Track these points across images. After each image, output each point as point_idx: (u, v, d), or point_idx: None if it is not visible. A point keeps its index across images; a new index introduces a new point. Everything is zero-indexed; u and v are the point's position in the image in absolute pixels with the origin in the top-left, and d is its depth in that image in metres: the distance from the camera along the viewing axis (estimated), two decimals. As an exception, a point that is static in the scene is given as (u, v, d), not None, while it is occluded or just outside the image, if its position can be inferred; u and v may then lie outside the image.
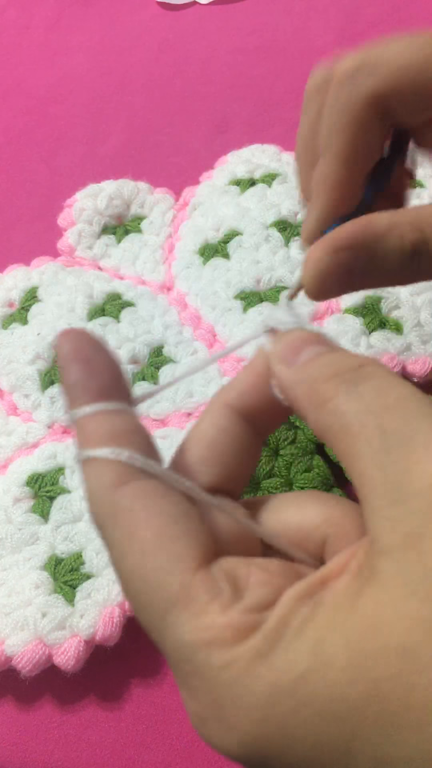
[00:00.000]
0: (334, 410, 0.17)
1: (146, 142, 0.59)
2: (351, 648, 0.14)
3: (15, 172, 0.59)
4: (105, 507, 0.17)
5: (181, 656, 0.16)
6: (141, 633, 0.36)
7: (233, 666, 0.15)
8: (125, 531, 0.17)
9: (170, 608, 0.16)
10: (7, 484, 0.39)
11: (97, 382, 0.18)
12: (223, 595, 0.16)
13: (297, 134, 0.25)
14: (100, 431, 0.17)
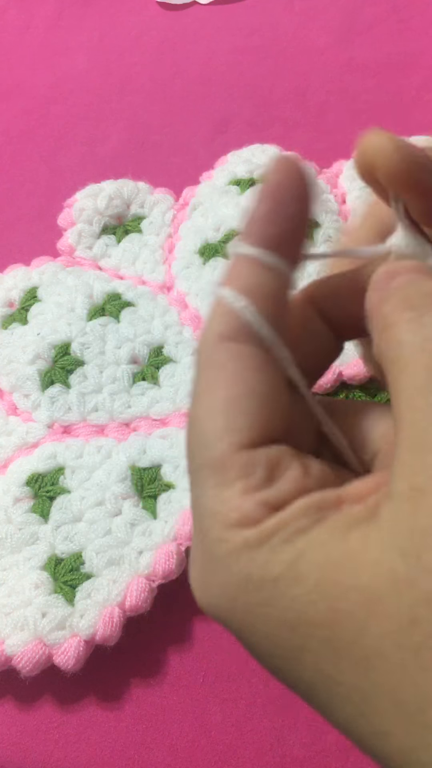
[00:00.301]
0: (391, 338, 0.16)
1: (146, 142, 0.59)
2: (323, 572, 0.15)
3: (15, 172, 0.59)
4: (205, 352, 0.17)
5: (196, 510, 0.17)
6: (141, 633, 0.36)
7: (224, 543, 0.16)
8: (208, 382, 0.17)
9: (205, 467, 0.17)
10: (7, 484, 0.39)
11: (275, 229, 0.17)
12: (252, 479, 0.16)
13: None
14: (243, 277, 0.17)
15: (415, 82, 0.59)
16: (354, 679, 0.14)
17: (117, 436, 0.40)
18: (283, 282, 0.18)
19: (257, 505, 0.16)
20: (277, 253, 0.18)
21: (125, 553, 0.35)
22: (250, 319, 0.17)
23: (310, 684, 0.15)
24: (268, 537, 0.16)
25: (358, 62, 0.61)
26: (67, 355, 0.42)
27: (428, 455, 0.14)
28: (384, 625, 0.14)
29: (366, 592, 0.14)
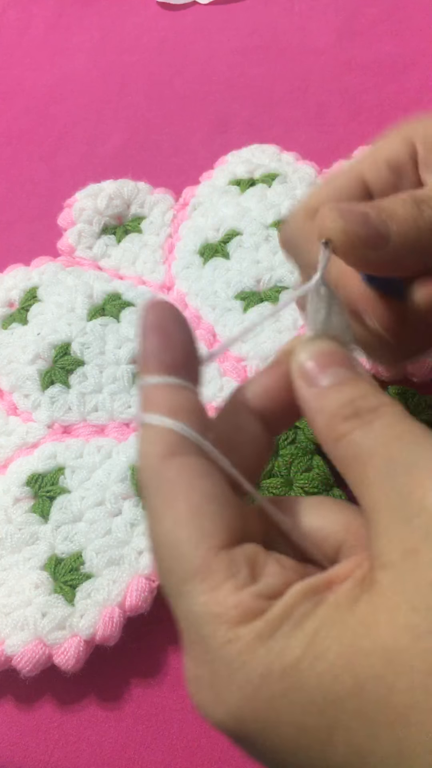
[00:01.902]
0: (348, 443, 0.18)
1: (146, 142, 0.59)
2: (342, 645, 0.16)
3: (15, 172, 0.59)
4: (151, 473, 0.18)
5: (190, 624, 0.17)
6: (141, 633, 0.36)
7: (235, 643, 0.16)
8: (165, 500, 0.18)
9: (189, 578, 0.17)
10: (7, 484, 0.39)
11: (171, 356, 0.19)
12: (239, 576, 0.17)
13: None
14: (162, 401, 0.19)
15: (415, 82, 0.59)
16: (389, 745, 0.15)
17: (117, 436, 0.40)
18: (195, 397, 0.20)
19: (255, 598, 0.17)
20: (180, 375, 0.19)
21: (125, 553, 0.35)
22: (184, 434, 0.18)
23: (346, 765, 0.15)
24: (278, 625, 0.16)
25: (358, 62, 0.61)
26: (67, 355, 0.42)
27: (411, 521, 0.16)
28: (411, 677, 0.14)
29: (387, 652, 0.15)
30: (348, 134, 0.56)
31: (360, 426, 0.18)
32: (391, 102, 0.58)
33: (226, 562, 0.17)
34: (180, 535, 0.18)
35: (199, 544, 0.17)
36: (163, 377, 0.19)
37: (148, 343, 0.20)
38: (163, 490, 0.18)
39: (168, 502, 0.18)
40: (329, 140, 0.56)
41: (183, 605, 0.17)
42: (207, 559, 0.17)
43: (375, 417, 0.18)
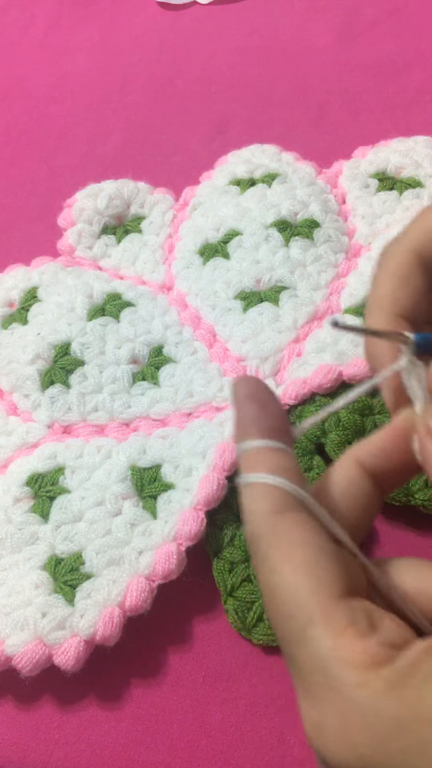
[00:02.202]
0: None
1: (146, 142, 0.59)
2: None
3: (15, 172, 0.59)
4: (265, 528, 0.19)
5: (315, 667, 0.18)
6: (141, 633, 0.36)
7: (366, 687, 0.17)
8: (283, 551, 0.19)
9: (310, 624, 0.18)
10: (7, 484, 0.39)
11: (269, 422, 0.21)
12: (360, 625, 0.18)
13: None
14: (264, 462, 0.20)
15: (415, 82, 0.59)
16: None
17: (117, 436, 0.40)
18: (293, 459, 0.21)
19: (379, 646, 0.17)
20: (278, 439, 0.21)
21: (125, 553, 0.35)
22: (291, 491, 0.19)
23: None
24: (408, 675, 0.17)
25: (358, 62, 0.61)
26: (67, 355, 0.42)
27: None
28: None
29: None
30: (348, 134, 0.56)
31: None
32: (391, 102, 0.58)
33: (346, 610, 0.18)
34: (299, 583, 0.18)
35: (318, 592, 0.18)
36: (264, 441, 0.20)
37: (246, 410, 0.21)
38: (280, 542, 0.19)
39: (285, 553, 0.19)
40: (329, 140, 0.56)
41: (306, 650, 0.18)
42: (328, 606, 0.18)
43: None
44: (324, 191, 0.49)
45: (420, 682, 0.17)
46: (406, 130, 0.53)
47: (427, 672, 0.17)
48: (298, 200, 0.47)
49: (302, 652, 0.18)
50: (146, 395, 0.41)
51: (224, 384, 0.41)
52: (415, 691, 0.16)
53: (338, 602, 0.18)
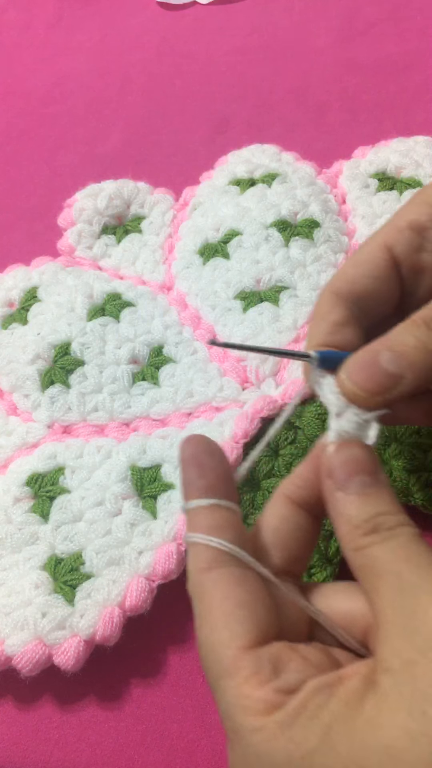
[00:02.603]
0: (366, 555, 0.21)
1: (146, 142, 0.59)
2: (352, 741, 0.18)
3: (15, 172, 0.59)
4: (195, 585, 0.22)
5: (226, 714, 0.20)
6: (141, 633, 0.36)
7: (261, 732, 0.19)
8: (205, 607, 0.22)
9: (223, 675, 0.21)
10: (7, 484, 0.39)
11: (206, 481, 0.23)
12: (263, 673, 0.20)
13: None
14: (201, 521, 0.23)
15: (415, 82, 0.59)
16: None
17: (117, 436, 0.40)
18: (231, 513, 0.23)
19: (275, 692, 0.20)
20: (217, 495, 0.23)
21: (125, 553, 0.35)
22: (221, 547, 0.22)
23: None
24: (296, 716, 0.19)
25: (358, 62, 0.61)
26: (67, 355, 0.42)
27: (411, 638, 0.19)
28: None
29: (388, 750, 0.18)
30: (348, 134, 0.56)
31: (379, 542, 0.21)
32: (391, 102, 0.58)
33: (252, 661, 0.20)
34: (214, 638, 0.21)
35: (229, 645, 0.21)
36: (200, 500, 0.23)
37: (186, 473, 0.24)
38: (203, 599, 0.22)
39: (206, 609, 0.21)
40: (329, 140, 0.56)
41: (219, 698, 0.21)
42: (236, 658, 0.20)
43: (392, 536, 0.21)
44: (324, 191, 0.49)
45: (306, 720, 0.19)
46: (406, 130, 0.53)
47: (312, 710, 0.19)
48: (298, 200, 0.47)
49: (219, 699, 0.21)
50: (146, 395, 0.41)
51: (224, 384, 0.41)
52: (301, 729, 0.19)
53: (245, 654, 0.20)
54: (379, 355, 0.24)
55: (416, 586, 0.20)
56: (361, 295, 0.28)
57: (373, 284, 0.28)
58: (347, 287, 0.28)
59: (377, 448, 0.37)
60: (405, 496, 0.36)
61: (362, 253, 0.29)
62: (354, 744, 0.18)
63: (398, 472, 0.36)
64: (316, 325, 0.28)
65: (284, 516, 0.25)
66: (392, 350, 0.25)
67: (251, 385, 0.41)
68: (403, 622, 0.20)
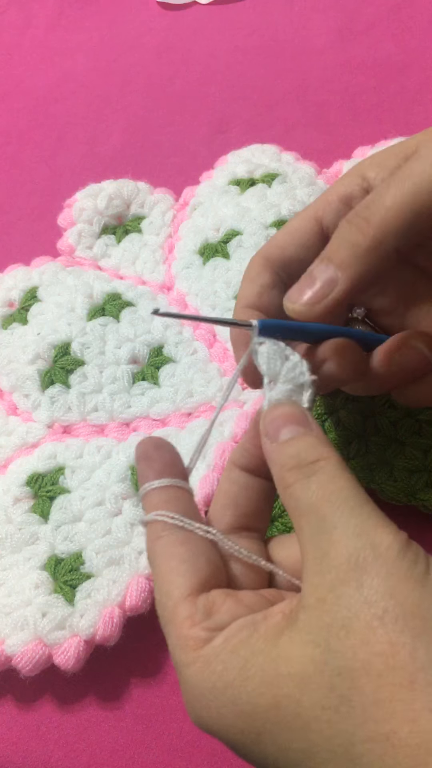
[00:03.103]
0: (291, 495, 0.23)
1: (146, 142, 0.59)
2: (265, 672, 0.21)
3: (15, 172, 0.59)
4: (150, 553, 0.25)
5: (171, 655, 0.23)
6: (141, 633, 0.36)
7: (192, 666, 0.22)
8: (155, 569, 0.25)
9: (167, 621, 0.24)
10: (7, 484, 0.39)
11: (152, 470, 0.26)
12: (196, 616, 0.23)
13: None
14: (153, 501, 0.26)
15: (415, 82, 0.59)
16: (301, 743, 0.20)
17: (117, 436, 0.40)
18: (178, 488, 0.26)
19: (205, 630, 0.22)
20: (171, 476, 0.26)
21: (125, 553, 0.35)
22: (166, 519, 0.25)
23: (272, 758, 0.21)
24: (220, 651, 0.22)
25: (358, 62, 0.61)
26: (67, 355, 0.42)
27: (324, 577, 0.21)
28: (312, 696, 0.20)
29: (296, 677, 0.20)
30: (348, 134, 0.56)
31: (301, 479, 0.23)
32: (391, 102, 0.58)
33: (188, 606, 0.23)
34: (162, 592, 0.24)
35: (171, 596, 0.24)
36: (148, 484, 0.26)
37: (138, 468, 0.27)
38: (155, 563, 0.25)
39: (157, 570, 0.25)
40: (329, 140, 0.56)
41: (167, 638, 0.24)
42: (175, 606, 0.23)
43: (312, 471, 0.23)
44: (324, 191, 0.49)
45: (226, 655, 0.22)
46: (406, 130, 0.53)
47: (233, 645, 0.22)
48: (298, 200, 0.47)
49: (168, 641, 0.24)
50: (146, 395, 0.41)
51: (224, 384, 0.41)
52: (222, 663, 0.21)
53: (183, 601, 0.23)
54: (313, 270, 0.26)
55: (331, 524, 0.21)
56: (289, 261, 0.30)
57: (301, 252, 0.30)
58: (277, 253, 0.30)
59: (378, 448, 0.37)
60: (405, 495, 0.36)
61: (293, 223, 0.31)
62: (267, 674, 0.21)
63: (398, 472, 0.36)
64: (245, 288, 0.30)
65: (233, 479, 0.27)
66: (321, 259, 0.26)
67: (251, 385, 0.41)
68: (318, 559, 0.21)
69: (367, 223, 0.26)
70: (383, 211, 0.26)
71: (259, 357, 0.26)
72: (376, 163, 0.30)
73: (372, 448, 0.37)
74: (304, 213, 0.31)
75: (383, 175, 0.29)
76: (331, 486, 0.22)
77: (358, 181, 0.30)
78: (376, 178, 0.29)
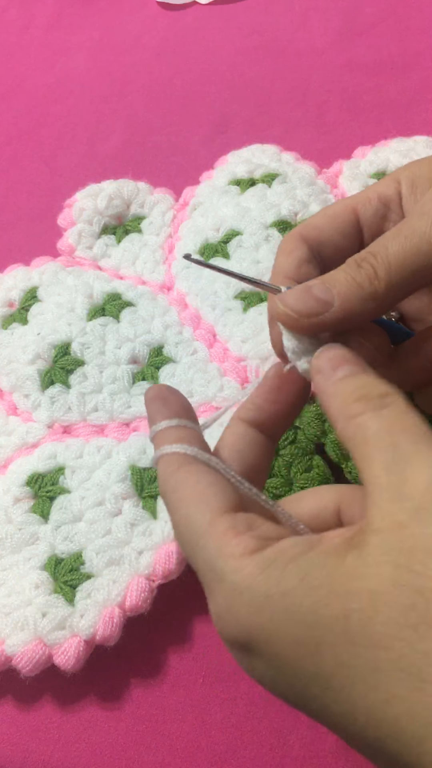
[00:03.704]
0: (360, 424, 0.22)
1: (146, 142, 0.59)
2: (333, 583, 0.20)
3: (15, 172, 0.59)
4: (168, 483, 0.24)
5: (207, 566, 0.22)
6: (141, 633, 0.36)
7: (241, 571, 0.21)
8: (179, 494, 0.24)
9: (201, 536, 0.22)
10: (7, 484, 0.39)
11: (168, 410, 0.26)
12: (238, 527, 0.22)
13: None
14: (166, 437, 0.25)
15: (415, 82, 0.59)
16: (367, 660, 0.19)
17: (117, 436, 0.40)
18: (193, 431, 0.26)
19: (252, 538, 0.22)
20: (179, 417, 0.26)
21: (125, 553, 0.35)
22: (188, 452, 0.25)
23: (328, 675, 0.19)
24: (275, 559, 0.21)
25: (358, 62, 0.61)
26: (67, 355, 0.42)
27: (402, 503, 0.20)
28: (388, 613, 0.19)
29: (371, 593, 0.19)
30: (348, 134, 0.56)
31: (371, 409, 0.22)
32: (391, 102, 0.58)
33: (227, 519, 0.22)
34: (191, 510, 0.23)
35: (205, 512, 0.23)
36: (165, 422, 0.26)
37: (150, 408, 0.27)
38: (177, 491, 0.24)
39: (179, 497, 0.24)
40: (329, 140, 0.56)
41: (200, 555, 0.22)
42: (213, 520, 0.22)
43: (383, 404, 0.22)
44: (324, 191, 0.49)
45: (281, 564, 0.21)
46: (406, 130, 0.53)
47: (290, 556, 0.21)
48: (298, 200, 0.47)
49: (198, 559, 0.22)
50: (146, 395, 0.41)
51: (224, 384, 0.41)
52: (278, 571, 0.20)
53: (221, 516, 0.23)
54: (312, 287, 0.27)
55: (411, 455, 0.21)
56: (324, 243, 0.31)
57: (335, 237, 0.31)
58: (314, 233, 0.31)
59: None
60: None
61: (331, 209, 0.32)
62: (335, 587, 0.20)
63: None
64: (282, 261, 0.31)
65: (239, 433, 0.28)
66: (323, 282, 0.27)
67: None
68: (395, 487, 0.21)
69: (374, 272, 0.27)
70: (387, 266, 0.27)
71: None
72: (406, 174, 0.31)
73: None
74: (342, 202, 0.32)
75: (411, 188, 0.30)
76: (404, 418, 0.22)
77: (394, 185, 0.31)
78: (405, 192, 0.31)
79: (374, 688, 0.19)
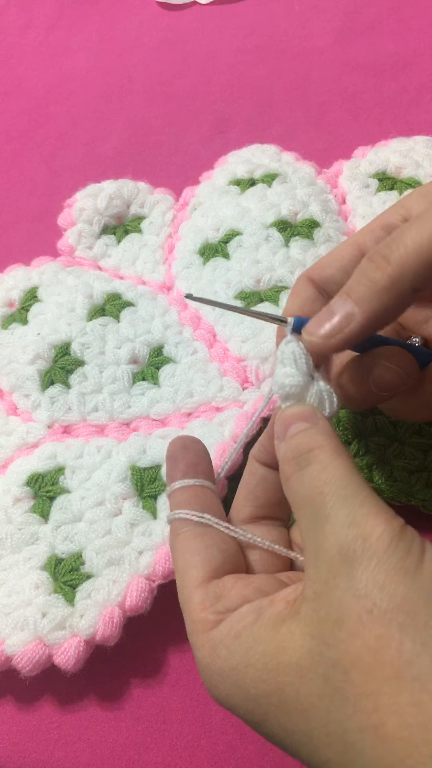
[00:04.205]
0: (289, 488, 0.24)
1: (146, 142, 0.59)
2: (266, 658, 0.22)
3: (15, 172, 0.59)
4: (172, 547, 0.28)
5: (188, 637, 0.25)
6: (141, 633, 0.36)
7: (202, 648, 0.24)
8: (175, 562, 0.27)
9: (184, 608, 0.26)
10: (7, 484, 0.39)
11: (178, 470, 0.29)
12: (208, 600, 0.25)
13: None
14: (177, 500, 0.29)
15: (415, 82, 0.59)
16: (302, 727, 0.21)
17: (117, 436, 0.40)
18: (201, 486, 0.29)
19: (214, 613, 0.25)
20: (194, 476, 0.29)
21: (125, 553, 0.35)
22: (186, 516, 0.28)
23: (278, 737, 0.22)
24: (225, 636, 0.24)
25: (358, 62, 0.61)
26: (67, 355, 0.42)
27: (320, 567, 0.22)
28: (310, 686, 0.21)
29: (296, 666, 0.22)
30: (348, 134, 0.56)
31: (296, 470, 0.24)
32: (391, 102, 0.58)
33: (201, 593, 0.25)
34: (180, 583, 0.27)
35: (187, 585, 0.26)
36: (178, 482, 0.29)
37: (167, 465, 0.30)
38: (175, 557, 0.28)
39: (176, 564, 0.27)
40: (329, 140, 0.56)
41: (186, 620, 0.26)
42: (190, 593, 0.26)
43: (307, 461, 0.24)
44: (324, 191, 0.49)
45: (231, 640, 0.23)
46: (406, 130, 0.53)
47: (238, 631, 0.23)
48: (298, 200, 0.47)
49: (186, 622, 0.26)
50: (146, 395, 0.41)
51: (224, 384, 0.41)
52: (225, 650, 0.23)
53: (197, 588, 0.26)
54: (331, 305, 0.27)
55: (323, 516, 0.22)
56: (328, 280, 0.32)
57: (337, 274, 0.31)
58: (318, 273, 0.32)
59: (378, 448, 0.37)
60: (405, 496, 0.36)
61: (337, 249, 0.33)
62: (269, 662, 0.22)
63: (398, 472, 0.36)
64: (291, 301, 0.32)
65: (252, 471, 0.30)
66: (341, 294, 0.27)
67: (251, 385, 0.41)
68: (314, 553, 0.22)
69: (386, 261, 0.26)
70: (402, 251, 0.26)
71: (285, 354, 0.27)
72: (422, 193, 0.30)
73: (372, 448, 0.37)
74: (348, 240, 0.33)
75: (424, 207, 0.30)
76: (323, 475, 0.23)
77: (401, 211, 0.31)
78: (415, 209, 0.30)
79: (314, 752, 0.21)
